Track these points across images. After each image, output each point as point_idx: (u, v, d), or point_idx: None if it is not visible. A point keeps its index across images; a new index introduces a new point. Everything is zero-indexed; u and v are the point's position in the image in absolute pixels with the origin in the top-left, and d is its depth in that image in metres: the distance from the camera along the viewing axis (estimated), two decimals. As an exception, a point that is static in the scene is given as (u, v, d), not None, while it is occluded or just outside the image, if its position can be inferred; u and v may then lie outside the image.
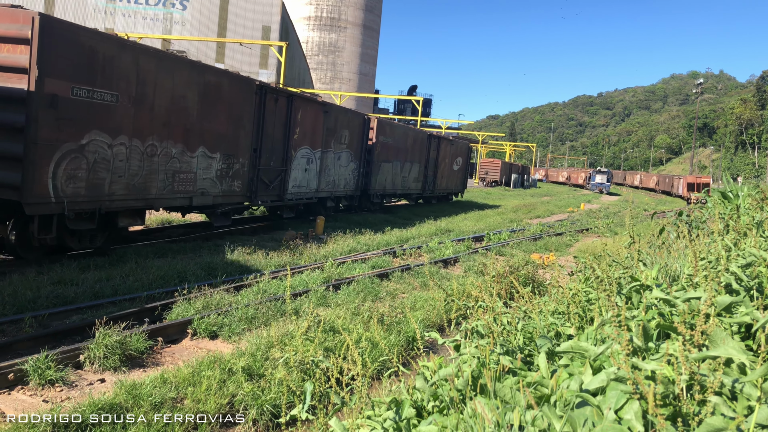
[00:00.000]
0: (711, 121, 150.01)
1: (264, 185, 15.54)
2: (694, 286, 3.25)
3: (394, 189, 25.06)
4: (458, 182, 34.37)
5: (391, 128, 24.25)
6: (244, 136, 14.44)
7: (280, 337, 6.82)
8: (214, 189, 13.56)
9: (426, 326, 8.37)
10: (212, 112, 13.06)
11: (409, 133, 26.33)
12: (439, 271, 12.45)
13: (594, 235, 21.52)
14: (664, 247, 5.93)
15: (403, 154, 25.52)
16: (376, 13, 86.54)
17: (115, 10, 37.63)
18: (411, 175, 26.74)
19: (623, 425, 1.91)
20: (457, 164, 33.56)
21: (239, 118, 14.15)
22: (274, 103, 15.55)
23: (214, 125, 13.20)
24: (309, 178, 18.11)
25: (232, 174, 14.14)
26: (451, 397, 2.65)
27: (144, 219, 12.16)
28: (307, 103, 17.44)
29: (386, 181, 24.08)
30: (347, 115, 20.78)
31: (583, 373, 2.41)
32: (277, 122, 15.84)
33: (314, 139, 18.13)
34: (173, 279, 9.65)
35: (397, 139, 24.67)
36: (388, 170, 24.11)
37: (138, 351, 6.56)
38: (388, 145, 23.87)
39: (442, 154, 30.45)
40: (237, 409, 5.50)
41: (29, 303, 7.72)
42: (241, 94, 14.11)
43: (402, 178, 25.68)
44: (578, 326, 3.56)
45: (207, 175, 13.20)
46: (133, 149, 10.99)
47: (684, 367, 2.04)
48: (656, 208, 36.72)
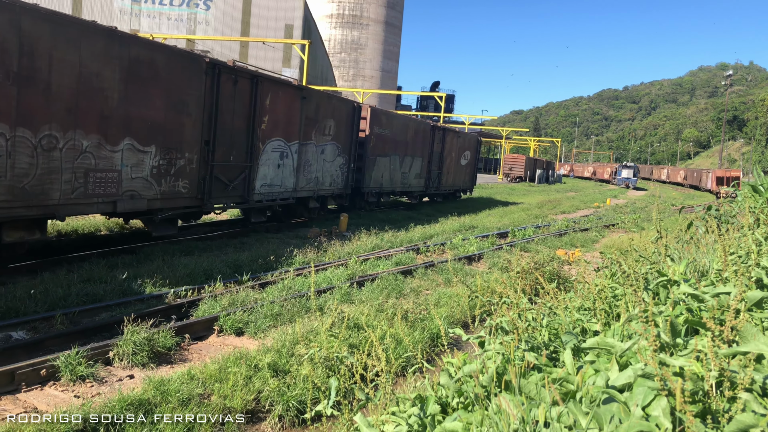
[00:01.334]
0: (741, 113, 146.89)
1: (221, 185, 13.08)
2: (724, 281, 3.19)
3: (392, 186, 22.96)
4: (466, 178, 32.13)
5: (388, 118, 22.11)
6: (191, 126, 11.87)
7: (305, 334, 6.87)
8: (149, 191, 11.00)
9: (450, 323, 8.35)
10: (143, 95, 10.57)
11: (410, 124, 24.15)
12: (463, 267, 12.41)
13: (620, 231, 21.25)
14: (692, 242, 5.83)
15: (403, 147, 23.31)
16: (398, 10, 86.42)
17: (140, 11, 38.14)
18: (412, 170, 24.60)
19: (651, 422, 1.89)
20: (465, 158, 31.27)
21: (182, 103, 11.57)
22: (232, 85, 12.97)
23: (146, 112, 10.66)
24: (284, 175, 15.52)
25: (175, 172, 11.61)
26: (476, 394, 2.64)
27: (45, 230, 9.84)
28: (278, 87, 14.83)
29: (383, 177, 21.99)
30: (332, 101, 17.94)
31: (610, 370, 2.38)
32: (238, 109, 13.29)
33: (289, 129, 15.50)
34: (199, 276, 9.77)
35: (395, 130, 22.51)
36: (384, 165, 21.94)
37: (165, 347, 6.65)
38: (385, 137, 21.72)
39: (448, 147, 28.23)
40: (263, 405, 5.55)
41: (60, 300, 7.88)
42: (184, 73, 11.52)
43: (402, 174, 23.56)
44: (604, 322, 3.52)
45: (138, 174, 10.68)
46: (19, 142, 8.52)
47: (713, 363, 2.01)
48: (684, 203, 36.12)
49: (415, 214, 22.60)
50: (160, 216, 11.69)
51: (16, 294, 7.78)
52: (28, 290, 7.98)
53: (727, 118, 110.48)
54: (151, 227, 11.90)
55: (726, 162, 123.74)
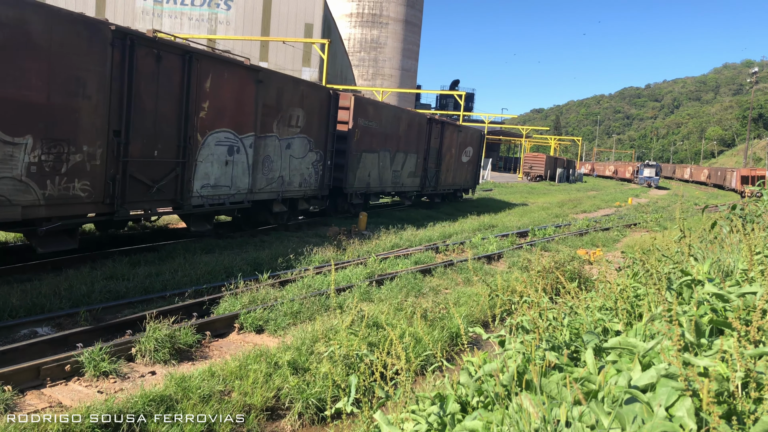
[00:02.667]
0: (767, 111, 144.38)
1: (141, 186, 10.48)
2: (750, 281, 3.14)
3: (381, 186, 20.28)
4: (468, 177, 29.28)
5: (376, 109, 19.33)
6: (91, 112, 9.27)
7: (325, 332, 6.89)
8: (25, 195, 8.40)
9: (470, 322, 8.33)
10: (8, 69, 8.05)
11: (402, 116, 21.36)
12: (483, 266, 12.36)
13: (642, 230, 21.01)
14: (716, 242, 5.75)
15: (394, 142, 20.67)
16: (418, 8, 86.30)
17: (162, 11, 38.53)
18: (406, 168, 21.90)
19: (674, 422, 1.86)
20: (467, 155, 28.45)
21: (76, 82, 9.01)
22: (154, 62, 10.38)
23: (14, 91, 8.15)
24: (235, 174, 12.87)
25: (67, 170, 8.99)
26: (496, 393, 2.63)
27: None
28: (222, 67, 12.12)
29: (370, 176, 19.37)
30: (299, 87, 14.95)
31: (632, 370, 2.35)
32: (164, 92, 10.68)
33: (241, 119, 12.83)
34: (220, 274, 9.85)
35: (384, 123, 19.78)
36: (372, 162, 19.28)
37: (187, 344, 6.72)
38: (372, 130, 18.98)
39: (447, 143, 25.53)
40: (283, 402, 5.59)
41: (84, 297, 8.00)
42: (77, 43, 8.92)
43: (393, 173, 20.96)
44: (626, 322, 3.49)
45: (5, 173, 8.11)
46: None
47: (739, 363, 1.98)
48: (708, 202, 35.59)
49: (405, 216, 20.45)
50: (45, 227, 8.96)
51: (42, 290, 7.91)
52: (53, 287, 8.11)
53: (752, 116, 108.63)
54: (35, 242, 9.07)
55: (751, 161, 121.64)
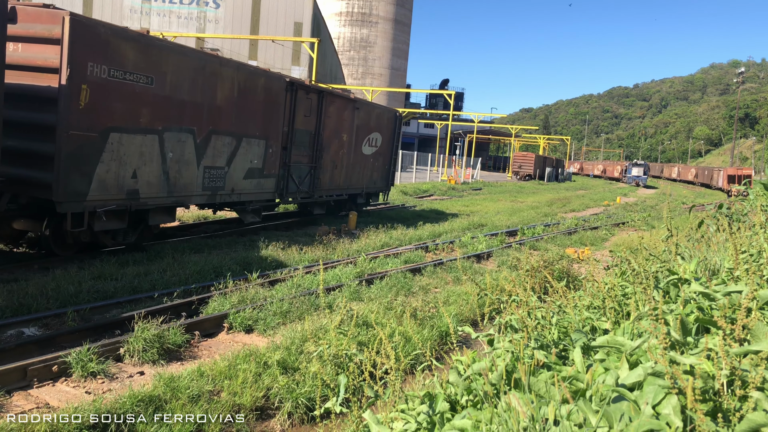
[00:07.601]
0: (753, 111, 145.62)
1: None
2: (735, 279, 3.17)
3: (169, 192, 11.09)
4: (375, 175, 20.21)
5: (145, 47, 10.00)
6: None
7: (314, 331, 6.89)
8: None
9: (459, 321, 8.35)
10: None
11: (224, 72, 11.85)
12: (472, 265, 12.39)
13: (630, 229, 21.15)
14: (703, 241, 5.80)
15: (208, 115, 11.64)
16: (408, 7, 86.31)
17: (150, 10, 38.30)
18: (238, 162, 12.68)
19: (661, 420, 1.88)
20: (372, 144, 19.48)
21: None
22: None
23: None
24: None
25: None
26: (485, 392, 2.64)
27: None
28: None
29: (137, 176, 10.27)
30: None
31: (620, 368, 2.37)
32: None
33: None
34: (209, 274, 9.81)
35: (175, 79, 10.73)
36: (140, 151, 10.22)
37: (175, 344, 6.69)
38: (138, 91, 9.97)
39: (333, 125, 16.28)
40: (272, 402, 5.58)
41: (71, 297, 7.93)
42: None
43: (204, 171, 11.88)
44: (614, 321, 3.51)
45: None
46: None
47: (724, 361, 2.00)
48: (695, 201, 35.85)
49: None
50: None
51: (28, 291, 7.84)
52: (40, 287, 8.05)
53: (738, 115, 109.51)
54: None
55: (737, 160, 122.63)
